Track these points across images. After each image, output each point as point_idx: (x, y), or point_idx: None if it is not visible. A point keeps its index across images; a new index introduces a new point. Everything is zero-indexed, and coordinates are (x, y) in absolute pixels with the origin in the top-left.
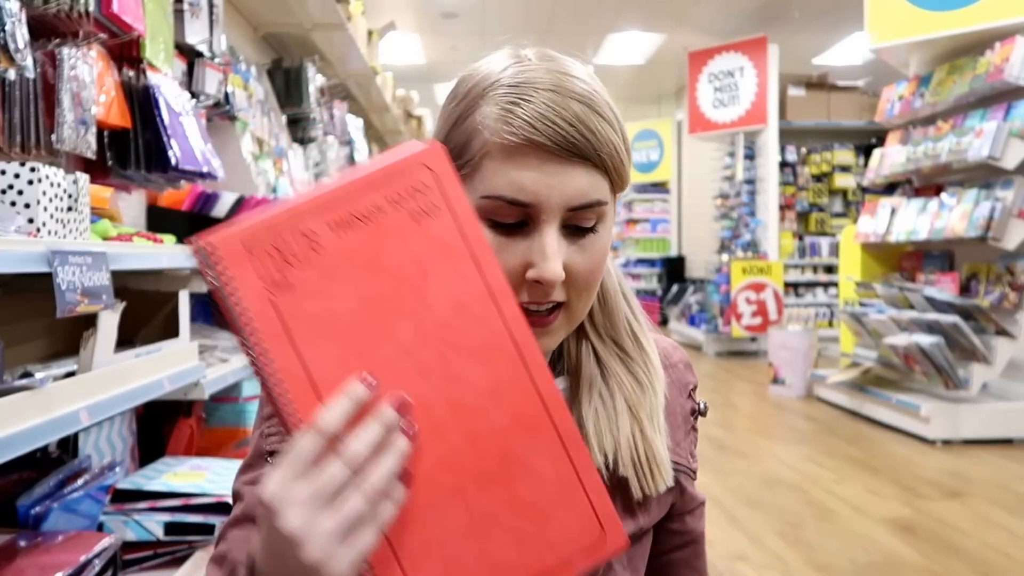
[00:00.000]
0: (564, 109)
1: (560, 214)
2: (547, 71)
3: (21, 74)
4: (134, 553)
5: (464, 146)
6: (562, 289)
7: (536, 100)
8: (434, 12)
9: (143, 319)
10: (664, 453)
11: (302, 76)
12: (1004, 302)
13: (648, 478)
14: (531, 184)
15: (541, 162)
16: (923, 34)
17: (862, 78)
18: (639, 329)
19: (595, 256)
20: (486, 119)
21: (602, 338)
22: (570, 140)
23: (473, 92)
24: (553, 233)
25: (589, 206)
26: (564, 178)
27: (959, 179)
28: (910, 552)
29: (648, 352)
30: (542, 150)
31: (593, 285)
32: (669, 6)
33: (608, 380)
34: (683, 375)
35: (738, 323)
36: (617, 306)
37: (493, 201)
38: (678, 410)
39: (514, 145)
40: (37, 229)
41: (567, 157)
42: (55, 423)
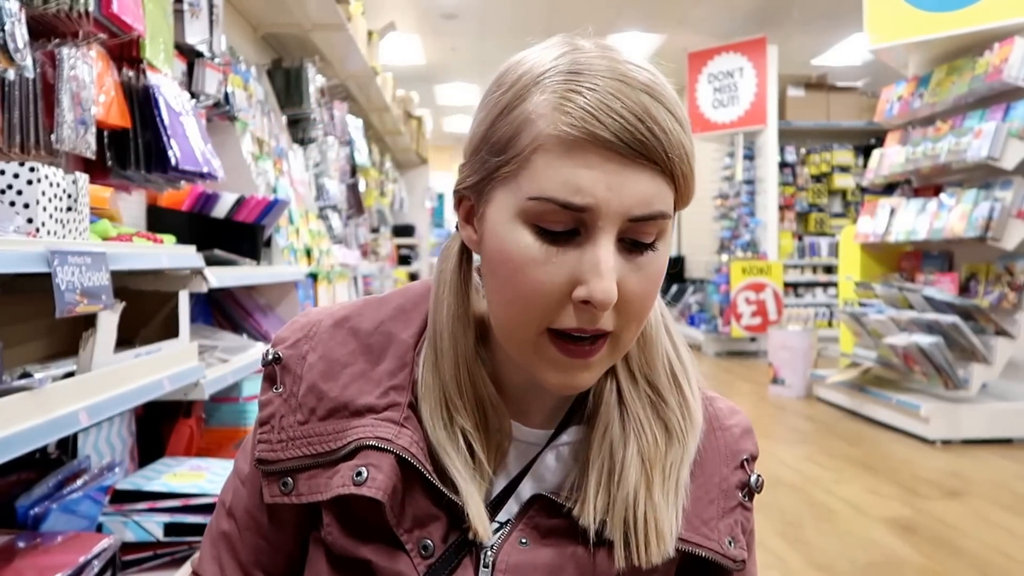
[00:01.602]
0: (631, 100)
1: (619, 224)
2: (609, 59)
3: (20, 74)
4: (133, 554)
5: (512, 139)
6: (611, 315)
7: (600, 88)
8: (434, 13)
9: (143, 319)
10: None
11: (302, 76)
12: (1003, 302)
13: (640, 546)
14: (590, 185)
15: (603, 160)
16: (922, 35)
17: (861, 79)
18: (680, 370)
19: (652, 279)
20: (540, 107)
21: (633, 376)
22: (638, 137)
23: (524, 79)
24: (610, 246)
25: (652, 218)
26: (628, 181)
27: (958, 179)
28: (910, 552)
29: (686, 395)
30: (604, 147)
31: (644, 314)
32: (669, 6)
33: (626, 425)
34: (736, 441)
35: (738, 323)
36: (658, 340)
37: (543, 204)
38: (717, 481)
39: (572, 139)
40: (36, 229)
41: (632, 157)
42: (54, 423)
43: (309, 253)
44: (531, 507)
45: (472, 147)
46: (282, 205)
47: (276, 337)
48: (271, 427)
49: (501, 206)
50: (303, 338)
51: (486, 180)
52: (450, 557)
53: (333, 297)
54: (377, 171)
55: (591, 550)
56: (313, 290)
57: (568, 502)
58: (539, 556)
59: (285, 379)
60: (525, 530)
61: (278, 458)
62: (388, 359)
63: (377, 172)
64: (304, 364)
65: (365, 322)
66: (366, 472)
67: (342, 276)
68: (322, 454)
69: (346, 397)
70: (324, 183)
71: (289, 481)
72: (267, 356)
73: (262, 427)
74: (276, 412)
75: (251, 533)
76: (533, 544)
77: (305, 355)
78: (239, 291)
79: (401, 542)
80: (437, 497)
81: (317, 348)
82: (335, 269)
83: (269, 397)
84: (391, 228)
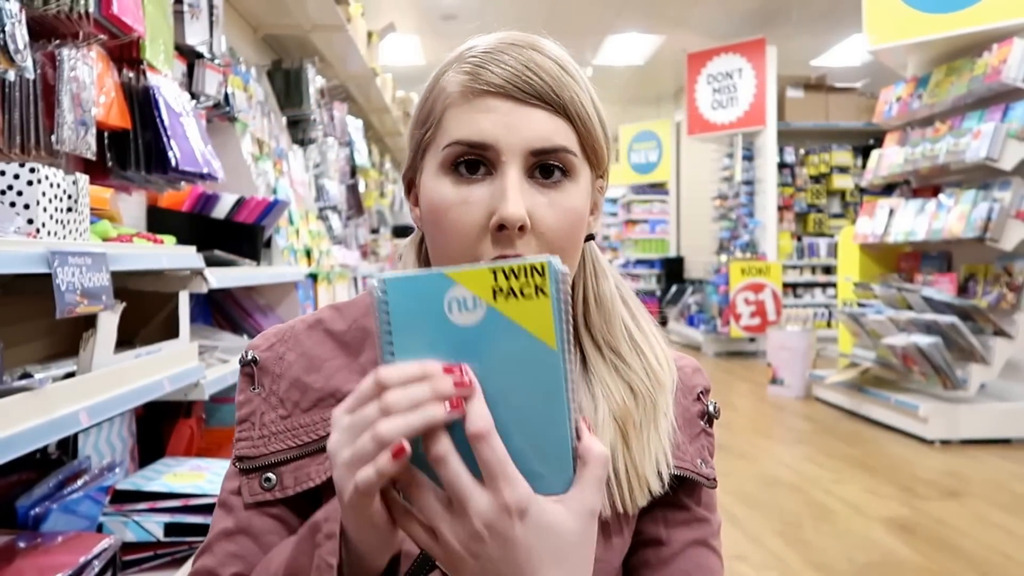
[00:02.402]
0: (525, 58)
1: (522, 157)
2: (514, 37)
3: (21, 75)
4: (134, 554)
5: (431, 110)
6: (532, 242)
7: (499, 53)
8: (433, 14)
9: (143, 320)
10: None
11: (302, 77)
12: (1002, 302)
13: (624, 492)
14: (491, 126)
15: (500, 103)
16: (921, 36)
17: (860, 79)
18: (640, 335)
19: (565, 212)
20: (449, 78)
21: (596, 343)
22: (528, 82)
23: (442, 65)
24: (514, 175)
25: (553, 151)
26: (525, 119)
27: (957, 180)
28: (908, 552)
29: (649, 358)
30: (501, 94)
31: (569, 246)
32: (668, 7)
33: (593, 389)
34: (689, 378)
35: (737, 324)
36: (614, 309)
37: (453, 148)
38: (681, 411)
39: (471, 90)
40: (37, 230)
41: (526, 99)
42: (55, 424)
43: (309, 254)
44: None
45: (408, 134)
46: (282, 206)
47: (250, 344)
48: (251, 424)
49: (428, 169)
50: (278, 342)
51: (417, 153)
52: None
53: (333, 298)
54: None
55: None
56: (313, 291)
57: None
58: None
59: (263, 380)
60: None
61: (260, 453)
62: (368, 350)
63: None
64: (283, 363)
65: (337, 323)
66: None
67: (342, 277)
68: (309, 443)
69: (332, 386)
70: (324, 184)
71: (272, 477)
72: (244, 357)
73: (241, 425)
74: (256, 410)
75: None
76: None
77: (282, 356)
78: (239, 291)
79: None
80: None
81: (295, 348)
82: (335, 270)
83: (247, 396)
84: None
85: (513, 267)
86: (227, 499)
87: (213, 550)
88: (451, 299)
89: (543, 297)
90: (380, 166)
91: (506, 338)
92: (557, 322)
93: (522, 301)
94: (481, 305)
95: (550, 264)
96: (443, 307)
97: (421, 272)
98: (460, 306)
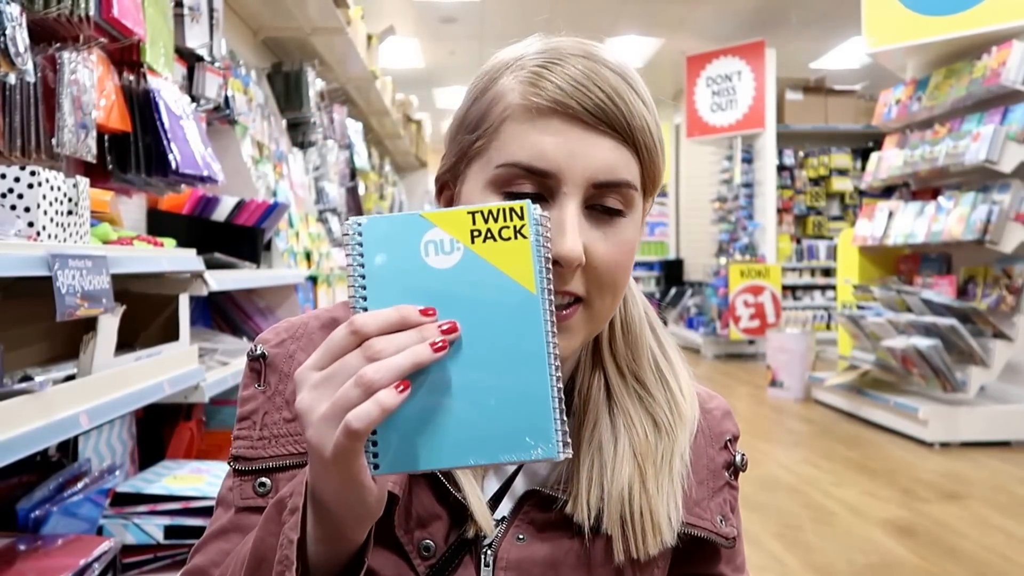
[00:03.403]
0: (596, 75)
1: (583, 189)
2: (578, 43)
3: (21, 78)
4: (134, 557)
5: (484, 115)
6: (581, 282)
7: (567, 64)
8: (433, 17)
9: (143, 322)
10: (664, 511)
11: (302, 80)
12: (1001, 305)
13: (637, 539)
14: (553, 150)
15: (566, 127)
16: (920, 38)
17: (859, 82)
18: (666, 365)
19: (620, 247)
20: (510, 84)
21: (621, 372)
22: (600, 106)
23: (498, 65)
24: (574, 208)
25: (616, 185)
26: (591, 147)
27: (956, 182)
28: (908, 554)
29: (673, 391)
30: (568, 115)
31: (618, 283)
32: (667, 10)
33: (615, 420)
34: (718, 423)
35: (736, 326)
36: (642, 336)
37: (509, 169)
38: (705, 462)
39: (538, 108)
40: (37, 233)
41: (595, 124)
42: (55, 427)
43: (309, 256)
44: (525, 503)
45: (450, 135)
46: (282, 208)
47: (260, 337)
48: (252, 423)
49: (474, 180)
50: (289, 338)
51: (461, 159)
52: (451, 557)
53: (333, 300)
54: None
55: (587, 543)
56: (313, 293)
57: (561, 494)
58: (537, 551)
59: (270, 377)
60: (521, 526)
61: (258, 455)
62: None
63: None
64: (292, 363)
65: None
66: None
67: (342, 279)
68: None
69: None
70: (324, 186)
71: (266, 482)
72: (253, 351)
73: (241, 423)
74: (259, 408)
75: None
76: (530, 539)
77: (293, 354)
78: (239, 294)
79: (401, 544)
80: (442, 495)
81: (307, 348)
82: (335, 272)
83: (252, 393)
84: None
85: (491, 209)
86: (224, 496)
87: (206, 548)
88: (428, 241)
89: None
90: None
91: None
92: (537, 265)
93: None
94: (459, 247)
95: (528, 206)
96: (419, 250)
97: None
98: (437, 248)
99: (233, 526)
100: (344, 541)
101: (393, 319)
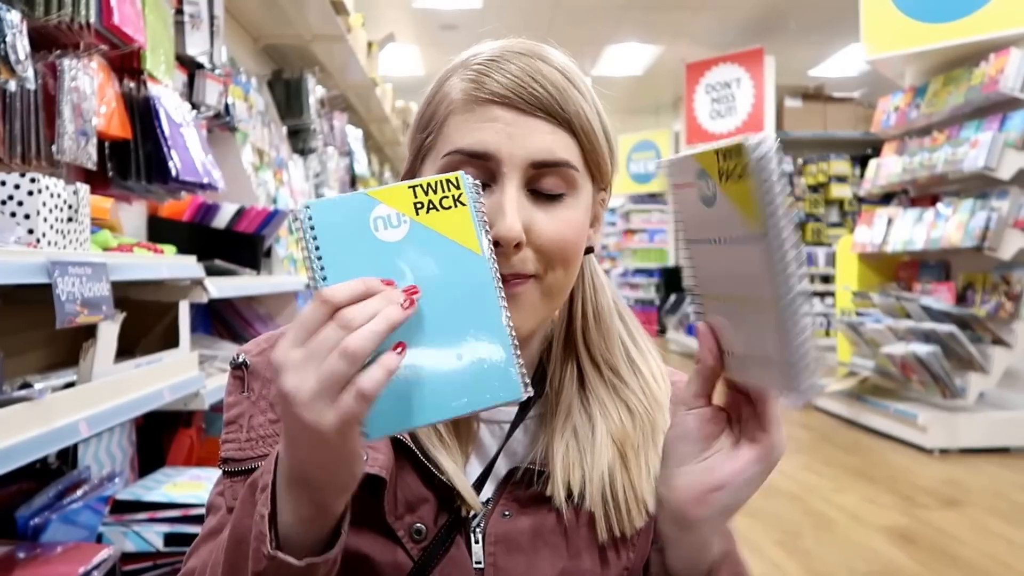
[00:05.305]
0: (534, 69)
1: (522, 170)
2: (524, 43)
3: (22, 85)
4: (133, 564)
5: (433, 114)
6: (530, 257)
7: (507, 63)
8: (433, 24)
9: (143, 329)
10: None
11: (302, 87)
12: (1000, 311)
13: (622, 515)
14: (492, 135)
15: (505, 114)
16: (918, 46)
17: (858, 89)
18: (636, 352)
19: (565, 224)
20: (453, 83)
21: (594, 360)
22: (535, 94)
23: (448, 69)
24: (513, 190)
25: (555, 164)
26: (528, 131)
27: (955, 189)
28: (908, 561)
29: (646, 376)
30: (506, 104)
31: (567, 256)
32: (667, 18)
33: (590, 408)
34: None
35: None
36: (612, 325)
37: (454, 157)
38: None
39: (477, 100)
40: (37, 240)
41: (532, 111)
42: (54, 434)
43: None
44: (508, 482)
45: (409, 137)
46: (282, 215)
47: (241, 348)
48: (239, 426)
49: (427, 174)
50: (269, 347)
51: (416, 157)
52: (443, 538)
53: None
54: (376, 181)
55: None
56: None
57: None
58: (522, 523)
59: (253, 384)
60: (506, 503)
61: (247, 456)
62: None
63: (376, 182)
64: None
65: None
66: (366, 454)
67: None
68: None
69: None
70: (324, 193)
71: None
72: (235, 360)
73: (228, 427)
74: (244, 412)
75: None
76: (515, 514)
77: None
78: (239, 301)
79: (392, 529)
80: (427, 478)
81: None
82: None
83: (237, 399)
84: None
85: (429, 182)
86: (213, 500)
87: (198, 551)
88: (376, 217)
89: (461, 207)
90: (380, 175)
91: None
92: (478, 228)
93: (443, 213)
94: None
95: (462, 175)
96: (369, 226)
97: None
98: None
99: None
100: (324, 516)
101: (359, 289)
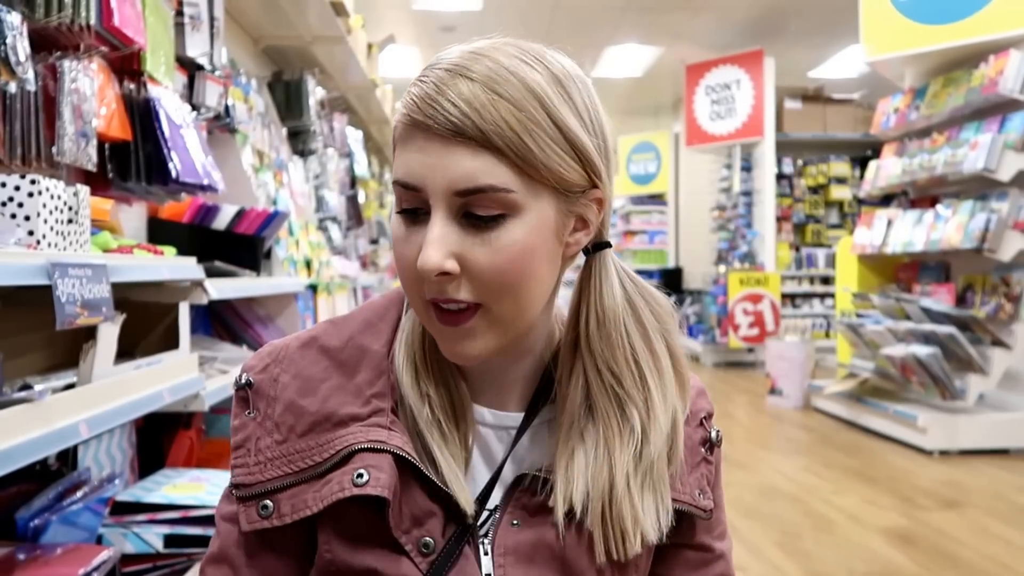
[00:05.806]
0: (449, 88)
1: (447, 199)
2: (459, 53)
3: (22, 87)
4: (133, 566)
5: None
6: (468, 288)
7: (427, 81)
8: (433, 26)
9: (143, 331)
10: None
11: (302, 89)
12: (1000, 313)
13: (617, 541)
14: (417, 166)
15: (425, 142)
16: (918, 47)
17: (858, 91)
18: (648, 362)
19: (502, 251)
20: (400, 106)
21: (598, 368)
22: (449, 119)
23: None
24: (438, 220)
25: (479, 191)
26: (448, 159)
27: (954, 191)
28: (908, 562)
29: (652, 390)
30: (424, 130)
31: (510, 286)
32: (667, 19)
33: (595, 420)
34: (694, 402)
35: (735, 334)
36: (616, 331)
37: (395, 188)
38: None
39: (404, 126)
40: (37, 241)
41: (449, 137)
42: (54, 436)
43: (309, 264)
44: (515, 489)
45: None
46: (282, 217)
47: (244, 365)
48: (247, 450)
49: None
50: (272, 362)
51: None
52: (451, 550)
53: (333, 309)
54: (376, 183)
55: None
56: (313, 302)
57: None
58: (532, 534)
59: (258, 403)
60: (514, 511)
61: (256, 480)
62: (364, 370)
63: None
64: (277, 385)
65: (333, 340)
66: (367, 474)
67: (342, 287)
68: (306, 469)
69: (328, 409)
70: (324, 195)
71: (269, 504)
72: (239, 381)
73: (236, 451)
74: (251, 435)
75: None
76: (524, 524)
77: (277, 377)
78: (239, 302)
79: (400, 544)
80: (433, 492)
81: (289, 369)
82: (335, 280)
83: (243, 421)
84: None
85: None
86: (218, 524)
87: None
88: None
89: None
90: (380, 177)
91: None
92: None
93: None
94: None
95: None
96: None
97: None
98: None
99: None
100: None
101: None
